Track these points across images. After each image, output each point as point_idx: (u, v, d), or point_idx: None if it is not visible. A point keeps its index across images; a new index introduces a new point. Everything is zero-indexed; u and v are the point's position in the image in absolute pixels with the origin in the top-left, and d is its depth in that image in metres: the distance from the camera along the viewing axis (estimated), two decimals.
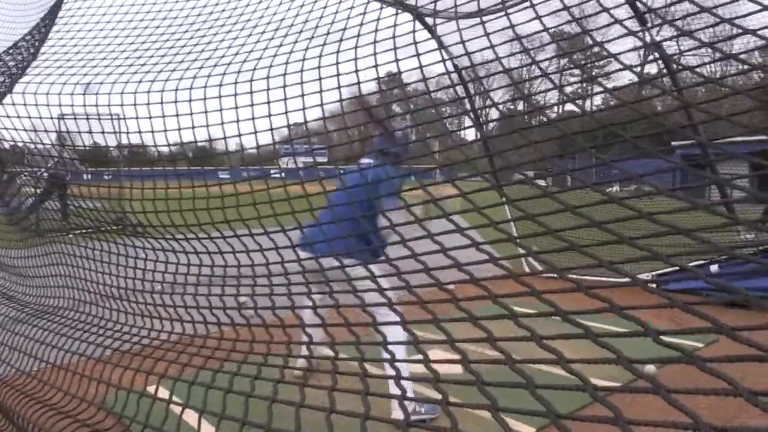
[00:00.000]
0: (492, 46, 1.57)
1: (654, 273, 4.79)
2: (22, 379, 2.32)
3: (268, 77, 2.14)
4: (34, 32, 2.84)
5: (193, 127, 2.22)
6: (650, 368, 2.84)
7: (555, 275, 0.91)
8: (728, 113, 0.81)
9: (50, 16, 2.86)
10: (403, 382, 0.99)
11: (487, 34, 1.59)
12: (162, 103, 2.26)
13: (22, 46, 2.81)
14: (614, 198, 0.97)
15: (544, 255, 0.92)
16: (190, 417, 1.39)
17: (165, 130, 2.22)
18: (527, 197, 1.16)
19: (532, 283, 0.85)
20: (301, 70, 2.07)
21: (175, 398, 1.50)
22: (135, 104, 2.31)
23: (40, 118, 2.48)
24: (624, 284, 0.75)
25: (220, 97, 2.19)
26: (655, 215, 0.85)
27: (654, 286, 0.73)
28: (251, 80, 2.17)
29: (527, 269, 5.68)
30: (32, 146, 2.73)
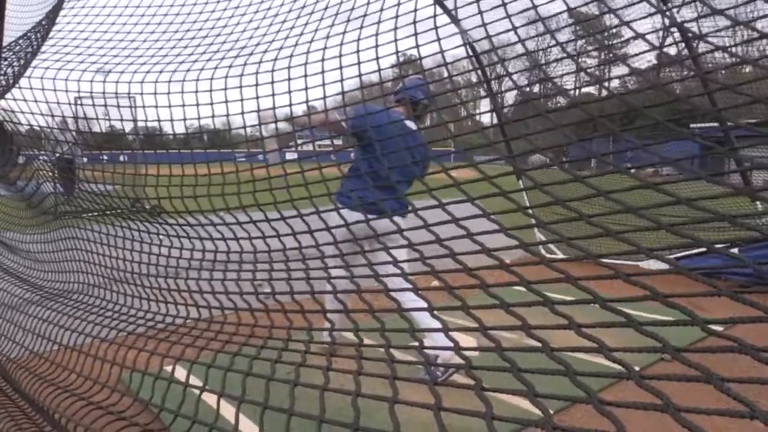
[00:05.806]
0: (509, 30, 1.54)
1: (675, 255, 4.67)
2: (36, 360, 2.33)
3: (288, 67, 2.11)
4: (43, 21, 2.82)
5: (214, 115, 2.21)
6: None
7: (589, 261, 0.89)
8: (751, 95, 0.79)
9: (55, 10, 2.83)
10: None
11: (491, 18, 1.56)
12: (182, 92, 2.24)
13: (30, 35, 2.79)
14: (647, 182, 0.94)
15: (578, 241, 0.90)
16: (209, 399, 1.39)
17: (184, 118, 2.21)
18: (551, 183, 1.14)
19: (567, 269, 0.84)
20: (306, 63, 2.05)
21: (192, 380, 1.50)
22: (156, 92, 2.30)
23: (58, 103, 2.47)
24: (665, 271, 0.73)
25: (241, 87, 2.18)
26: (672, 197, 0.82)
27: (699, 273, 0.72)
28: (270, 71, 2.15)
29: (559, 254, 5.60)
30: (48, 130, 2.73)
